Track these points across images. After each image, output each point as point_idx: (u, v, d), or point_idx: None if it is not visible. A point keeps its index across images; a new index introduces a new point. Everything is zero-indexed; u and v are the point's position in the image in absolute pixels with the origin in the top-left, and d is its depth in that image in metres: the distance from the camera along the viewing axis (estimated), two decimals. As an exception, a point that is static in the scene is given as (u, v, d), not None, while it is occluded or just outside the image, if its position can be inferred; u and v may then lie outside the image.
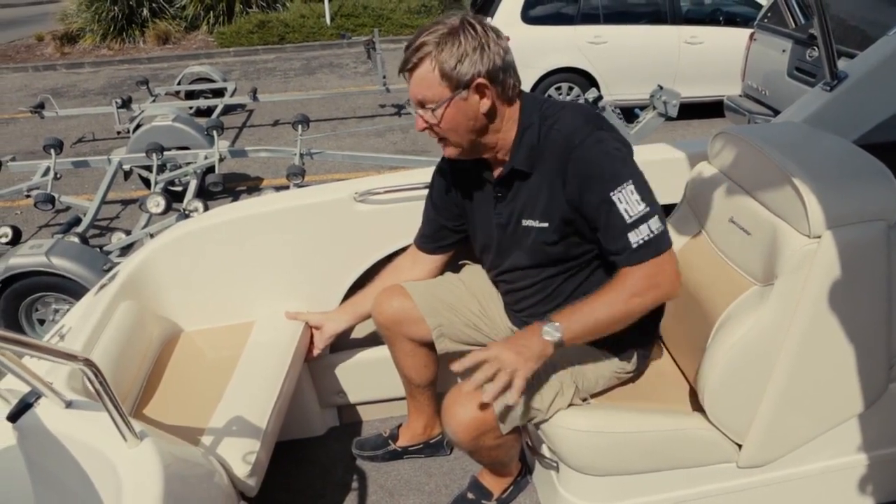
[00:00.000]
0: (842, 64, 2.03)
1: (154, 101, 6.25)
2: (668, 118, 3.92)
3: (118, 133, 5.98)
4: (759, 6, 5.91)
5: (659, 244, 1.33)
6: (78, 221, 3.78)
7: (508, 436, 1.50)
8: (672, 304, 1.73)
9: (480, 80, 1.34)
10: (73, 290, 2.89)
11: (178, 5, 11.13)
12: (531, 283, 1.58)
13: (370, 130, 6.12)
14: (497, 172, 1.52)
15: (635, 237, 1.32)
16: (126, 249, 3.37)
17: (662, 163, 1.98)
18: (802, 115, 1.97)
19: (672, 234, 1.77)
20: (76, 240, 3.18)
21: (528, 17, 5.85)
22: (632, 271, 1.34)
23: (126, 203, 4.73)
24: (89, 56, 10.44)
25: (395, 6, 11.65)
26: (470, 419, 1.43)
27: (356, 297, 1.85)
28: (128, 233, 3.52)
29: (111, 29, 10.69)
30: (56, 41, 10.79)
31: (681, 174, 1.90)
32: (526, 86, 6.09)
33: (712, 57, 5.99)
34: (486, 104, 1.38)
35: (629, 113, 4.36)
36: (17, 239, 3.61)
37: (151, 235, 3.34)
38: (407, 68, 1.38)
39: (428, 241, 1.76)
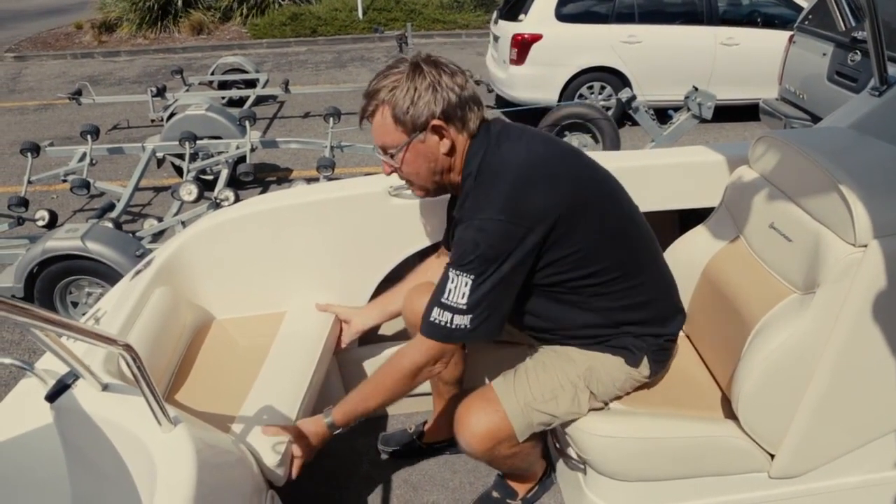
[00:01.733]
0: (891, 69, 1.97)
1: (188, 90, 6.33)
2: (703, 120, 3.87)
3: (152, 121, 6.07)
4: (799, 8, 5.79)
5: (448, 336, 1.35)
6: (112, 207, 3.84)
7: (525, 444, 1.49)
8: (707, 309, 1.70)
9: (436, 121, 1.34)
10: (106, 275, 2.94)
11: (212, -4, 11.26)
12: (516, 318, 1.57)
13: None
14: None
15: (436, 314, 1.34)
16: (158, 236, 3.42)
17: (701, 165, 1.94)
18: (849, 121, 1.92)
19: (709, 237, 1.75)
20: (110, 225, 3.23)
21: (562, 15, 5.79)
22: (413, 346, 1.41)
23: (158, 190, 4.80)
24: (126, 45, 10.61)
25: (428, 1, 11.64)
26: (485, 429, 1.43)
27: (386, 296, 1.85)
28: (160, 219, 3.57)
29: (147, 18, 10.85)
30: (94, 29, 10.99)
31: (719, 177, 1.86)
32: (558, 84, 6.08)
33: (749, 59, 5.88)
34: (445, 144, 1.37)
35: (662, 114, 4.31)
36: (53, 222, 3.68)
37: (183, 223, 3.38)
38: (365, 116, 1.40)
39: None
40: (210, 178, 4.54)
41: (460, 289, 1.31)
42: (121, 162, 5.32)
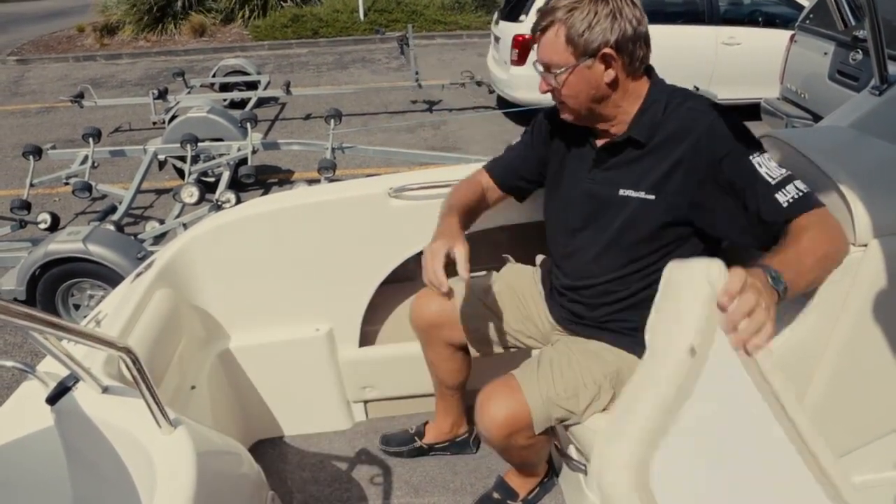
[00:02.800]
0: (892, 68, 1.97)
1: (189, 92, 6.34)
2: (704, 120, 3.86)
3: (154, 123, 6.08)
4: (800, 7, 5.78)
5: (811, 199, 1.25)
6: (114, 209, 3.85)
7: (540, 436, 1.48)
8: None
9: (607, 49, 1.30)
10: (107, 277, 2.95)
11: (214, -2, 11.29)
12: (598, 266, 1.49)
13: (401, 126, 6.14)
14: (603, 141, 1.47)
15: (783, 197, 1.24)
16: (159, 238, 3.43)
17: None
18: (849, 120, 1.92)
19: None
20: (112, 227, 3.24)
21: (563, 15, 5.79)
22: (798, 221, 1.22)
23: (160, 192, 4.80)
24: (127, 47, 10.64)
25: (429, 2, 11.65)
26: (504, 416, 1.42)
27: (454, 220, 1.53)
28: (161, 222, 3.58)
29: (147, 21, 10.88)
30: (96, 32, 11.03)
31: None
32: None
33: (750, 58, 5.87)
34: (610, 74, 1.33)
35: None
36: (55, 225, 3.69)
37: (184, 225, 3.39)
38: (536, 30, 1.36)
39: (500, 172, 1.68)
40: (211, 180, 4.55)
41: (769, 163, 1.28)
42: (122, 164, 5.33)
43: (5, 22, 14.42)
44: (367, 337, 2.04)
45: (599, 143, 1.47)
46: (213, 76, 6.81)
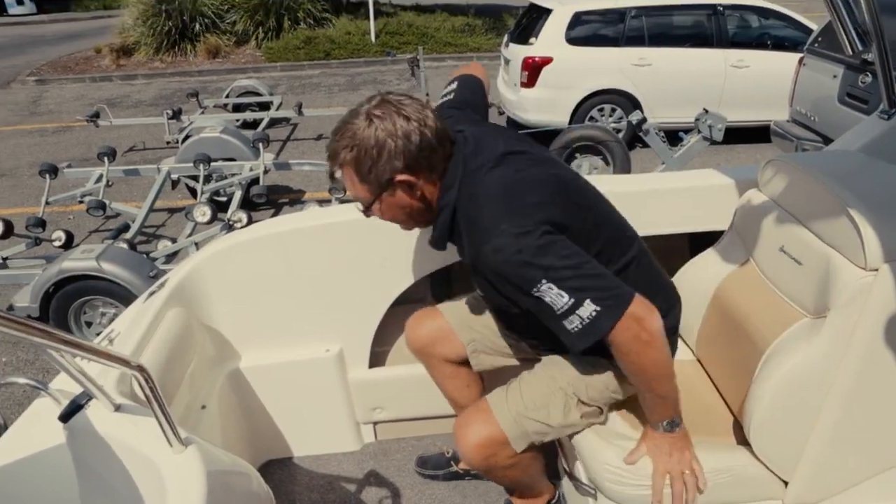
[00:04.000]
0: (900, 92, 1.98)
1: (203, 112, 6.43)
2: (713, 142, 3.88)
3: (167, 143, 6.16)
4: (809, 30, 5.81)
5: (594, 330, 1.21)
6: (127, 228, 3.90)
7: (525, 454, 1.48)
8: (717, 333, 1.70)
9: (400, 176, 1.28)
10: (119, 295, 2.98)
11: (228, 21, 11.47)
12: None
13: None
14: None
15: (569, 325, 1.22)
16: (171, 257, 3.46)
17: (710, 189, 1.95)
18: (858, 144, 1.92)
19: (719, 261, 1.74)
20: (125, 246, 3.28)
21: (572, 39, 5.85)
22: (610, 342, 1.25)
23: (172, 211, 4.86)
24: (143, 68, 10.81)
25: (440, 25, 11.81)
26: (479, 440, 1.44)
27: None
28: (173, 240, 3.62)
29: (164, 42, 11.07)
30: (113, 53, 11.21)
31: (729, 200, 1.87)
32: (568, 107, 6.12)
33: (759, 81, 5.90)
34: (416, 194, 1.33)
35: (673, 136, 4.32)
36: (69, 243, 3.73)
37: (196, 244, 3.42)
38: (332, 175, 1.35)
39: None
40: (223, 199, 4.59)
41: (551, 292, 1.20)
42: (136, 183, 5.40)
43: (26, 43, 14.72)
44: (378, 358, 2.04)
45: None
46: (227, 97, 6.91)
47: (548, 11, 5.95)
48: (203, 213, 3.50)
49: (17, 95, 9.75)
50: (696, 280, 1.77)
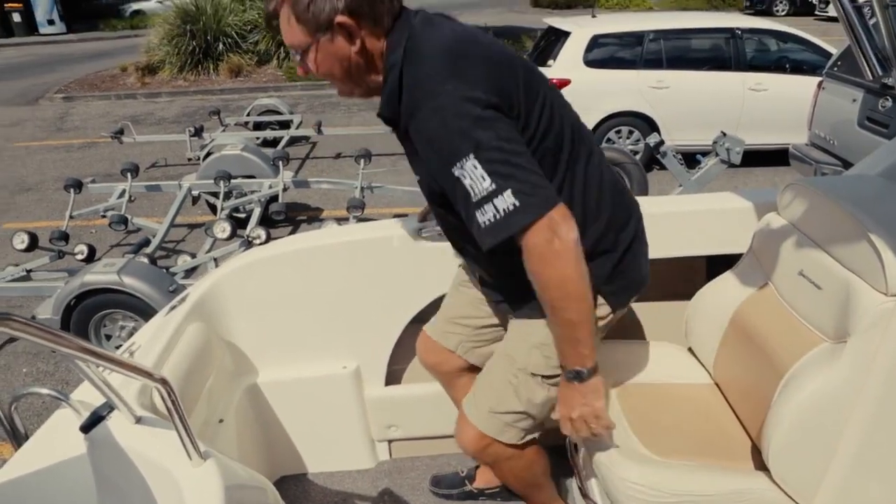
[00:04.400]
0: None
1: (224, 130, 6.54)
2: (731, 165, 3.87)
3: (189, 160, 6.27)
4: (828, 54, 5.80)
5: (508, 225, 1.13)
6: (147, 242, 3.95)
7: (525, 450, 1.51)
8: (736, 357, 1.68)
9: (340, 17, 1.18)
10: (139, 309, 3.02)
11: (251, 41, 11.67)
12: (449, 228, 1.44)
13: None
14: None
15: (481, 217, 1.14)
16: (190, 272, 3.50)
17: (728, 212, 1.95)
18: (878, 168, 1.92)
19: (738, 284, 1.74)
20: (145, 260, 3.32)
21: (590, 61, 5.89)
22: (524, 258, 1.17)
23: (192, 227, 4.92)
24: (167, 86, 11.03)
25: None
26: (467, 442, 1.49)
27: None
28: (193, 256, 3.66)
29: (188, 62, 11.29)
30: (138, 72, 11.47)
31: (747, 224, 1.86)
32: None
33: (778, 104, 5.89)
34: (357, 43, 1.22)
35: (691, 158, 4.32)
36: (91, 256, 3.80)
37: (215, 260, 3.47)
38: (268, 15, 1.26)
39: None
40: (243, 216, 4.65)
41: (474, 175, 1.12)
42: (157, 199, 5.49)
43: (55, 62, 15.09)
44: (394, 376, 2.05)
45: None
46: (248, 115, 7.02)
47: (566, 34, 6.00)
48: (223, 229, 3.54)
49: (45, 112, 9.98)
50: (715, 303, 1.76)
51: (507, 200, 1.12)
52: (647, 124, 5.93)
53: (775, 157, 5.87)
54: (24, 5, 20.60)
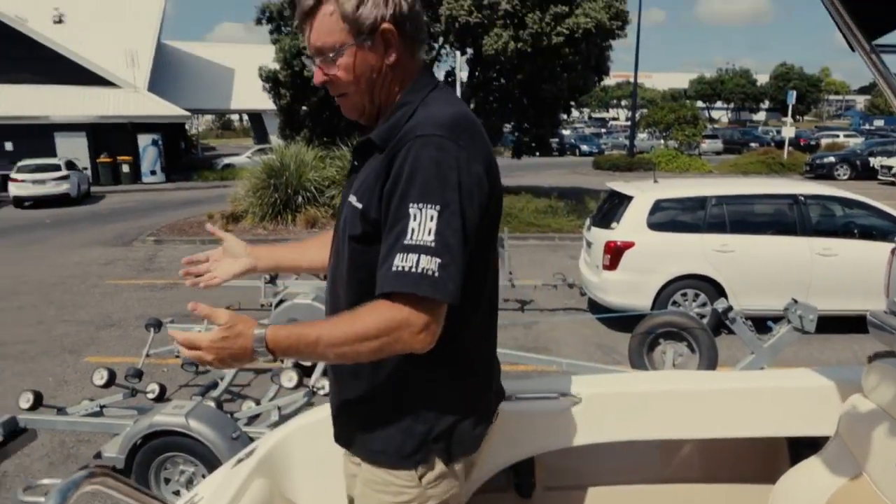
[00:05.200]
0: None
1: (297, 278, 6.83)
2: (805, 332, 3.74)
3: (262, 306, 6.54)
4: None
5: (416, 285, 1.10)
6: (215, 385, 4.05)
7: None
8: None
9: (386, 24, 1.21)
10: (201, 454, 3.04)
11: (328, 195, 12.55)
12: (333, 284, 1.37)
13: (491, 321, 6.26)
14: (356, 143, 1.34)
15: (399, 260, 1.12)
16: (253, 418, 3.54)
17: (808, 390, 1.87)
18: None
19: (825, 472, 1.63)
20: (212, 404, 3.40)
21: (653, 224, 6.01)
22: (379, 305, 1.14)
23: (258, 372, 5.03)
24: (247, 234, 11.81)
25: (524, 206, 12.45)
26: None
27: (282, 248, 1.71)
28: (257, 402, 3.72)
29: (269, 212, 12.17)
30: (223, 219, 12.41)
31: (831, 404, 1.78)
32: (651, 291, 6.18)
33: (849, 270, 5.78)
34: (391, 56, 1.24)
35: (761, 324, 4.21)
36: (161, 395, 3.91)
37: (279, 408, 3.50)
38: (305, 12, 1.24)
39: None
40: (308, 365, 4.73)
41: (426, 223, 1.11)
42: (229, 341, 5.67)
43: (152, 208, 16.57)
44: None
45: (355, 145, 1.35)
46: (321, 264, 7.36)
47: (629, 198, 6.20)
48: (290, 378, 3.60)
49: (137, 253, 10.80)
50: (801, 491, 1.64)
51: (430, 265, 1.11)
52: (713, 288, 5.88)
53: (852, 324, 5.65)
54: (133, 158, 23.11)
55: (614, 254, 5.91)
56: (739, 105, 68.56)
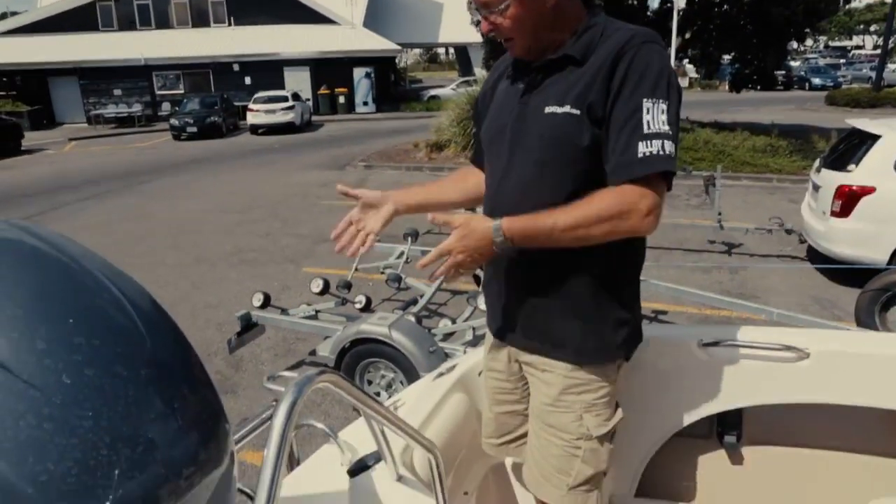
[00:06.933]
0: None
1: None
2: None
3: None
4: None
5: (663, 163, 1.25)
6: (415, 302, 4.31)
7: None
8: None
9: None
10: (400, 363, 3.28)
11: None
12: (524, 203, 1.36)
13: (696, 266, 5.88)
14: (539, 63, 1.41)
15: (644, 147, 1.25)
16: (448, 335, 3.72)
17: None
18: None
19: None
20: (412, 319, 3.62)
21: (905, 168, 5.09)
22: (613, 190, 1.28)
23: (456, 293, 5.26)
24: (450, 162, 12.23)
25: (739, 143, 11.31)
26: None
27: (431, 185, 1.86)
28: (453, 321, 3.89)
29: (471, 142, 12.41)
30: (427, 148, 12.96)
31: None
32: (889, 245, 5.42)
33: None
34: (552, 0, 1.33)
35: None
36: (367, 306, 4.26)
37: (474, 328, 3.63)
38: None
39: (476, 154, 1.72)
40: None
41: (659, 115, 1.26)
42: (428, 263, 5.98)
43: (364, 136, 17.83)
44: (645, 488, 1.89)
45: (535, 64, 1.42)
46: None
47: (875, 137, 5.30)
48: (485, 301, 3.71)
49: (349, 176, 11.74)
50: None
51: (670, 148, 1.26)
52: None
53: None
54: (348, 89, 24.89)
55: (848, 199, 5.12)
56: None
